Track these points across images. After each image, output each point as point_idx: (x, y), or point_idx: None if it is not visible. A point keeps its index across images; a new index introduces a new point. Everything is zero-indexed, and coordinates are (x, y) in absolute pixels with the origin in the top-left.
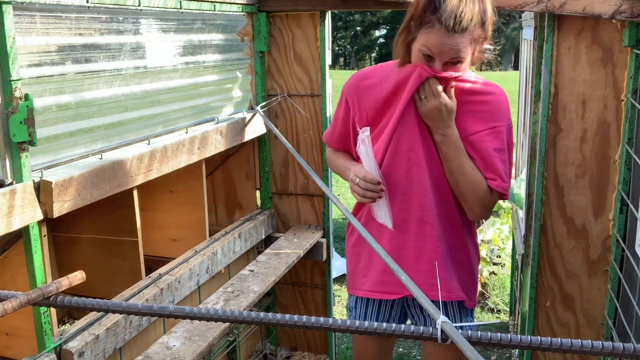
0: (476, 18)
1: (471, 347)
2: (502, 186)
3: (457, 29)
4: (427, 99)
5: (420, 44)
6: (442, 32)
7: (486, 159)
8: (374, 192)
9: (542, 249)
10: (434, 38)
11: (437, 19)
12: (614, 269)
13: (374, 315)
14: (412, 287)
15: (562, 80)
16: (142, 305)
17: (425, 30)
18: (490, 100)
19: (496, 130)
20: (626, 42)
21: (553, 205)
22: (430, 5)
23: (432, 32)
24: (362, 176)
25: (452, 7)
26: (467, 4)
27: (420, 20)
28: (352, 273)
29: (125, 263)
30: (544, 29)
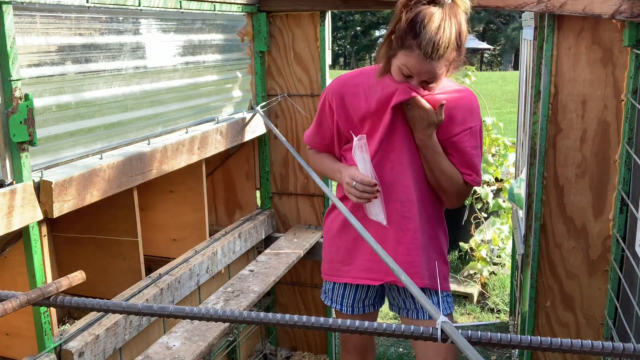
0: (452, 45)
1: (471, 347)
2: (476, 180)
3: (434, 57)
4: (411, 108)
5: (400, 63)
6: (421, 58)
7: (465, 157)
8: (370, 193)
9: (542, 249)
10: (413, 62)
11: (417, 45)
12: (614, 269)
13: (350, 296)
14: (412, 287)
15: (562, 80)
16: (142, 305)
17: (405, 53)
18: (463, 104)
19: (472, 130)
20: (626, 42)
21: (553, 205)
22: (411, 29)
23: (411, 56)
24: (360, 180)
25: (430, 35)
26: (445, 31)
27: (402, 41)
28: (331, 261)
29: (125, 263)
30: (544, 29)
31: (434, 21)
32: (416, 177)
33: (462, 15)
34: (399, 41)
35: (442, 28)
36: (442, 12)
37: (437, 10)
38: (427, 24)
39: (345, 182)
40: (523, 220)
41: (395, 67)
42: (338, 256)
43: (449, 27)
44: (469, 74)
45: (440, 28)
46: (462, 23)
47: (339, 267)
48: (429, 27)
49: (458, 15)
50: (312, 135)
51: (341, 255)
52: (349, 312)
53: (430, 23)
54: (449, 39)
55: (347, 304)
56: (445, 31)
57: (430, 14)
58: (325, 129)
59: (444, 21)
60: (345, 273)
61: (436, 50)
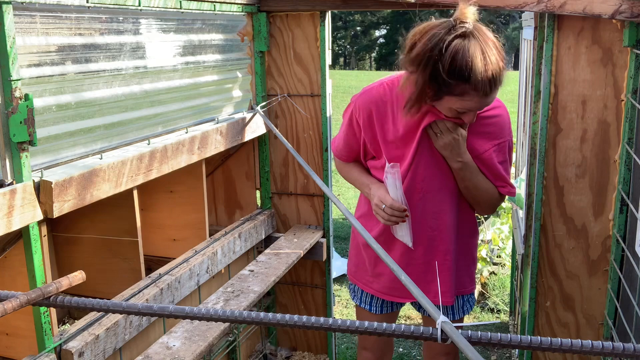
0: (502, 69)
1: (471, 347)
2: (510, 191)
3: (493, 91)
4: (443, 134)
5: (455, 107)
6: (479, 98)
7: (494, 171)
8: (399, 217)
9: (542, 249)
10: (471, 103)
11: (472, 88)
12: (614, 269)
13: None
14: (412, 287)
15: (562, 80)
16: (142, 305)
17: (460, 98)
18: (496, 122)
19: (501, 145)
20: (626, 42)
21: (553, 205)
22: (457, 76)
23: (468, 99)
24: (389, 204)
25: (482, 73)
26: (491, 62)
27: (449, 89)
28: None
29: (125, 263)
30: (544, 29)
31: (477, 57)
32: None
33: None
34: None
35: (488, 61)
36: (475, 43)
37: (471, 43)
38: (472, 64)
39: (374, 202)
40: (523, 220)
41: (446, 109)
42: (365, 264)
43: (492, 54)
44: None
45: (487, 62)
46: (494, 40)
47: (366, 276)
48: (475, 64)
49: (486, 36)
50: (339, 146)
51: (369, 265)
52: (378, 312)
53: (476, 61)
54: (498, 67)
55: (376, 304)
56: (491, 61)
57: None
58: (352, 142)
59: (484, 52)
60: (371, 284)
61: (493, 85)
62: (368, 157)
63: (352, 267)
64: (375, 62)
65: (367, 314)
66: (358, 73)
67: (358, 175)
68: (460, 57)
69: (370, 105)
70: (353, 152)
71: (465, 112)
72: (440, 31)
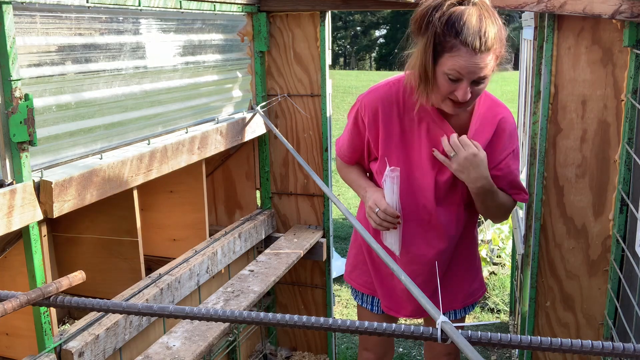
0: (497, 34)
1: (471, 347)
2: (525, 198)
3: (483, 49)
4: (457, 154)
5: (447, 68)
6: (469, 54)
7: (510, 179)
8: (390, 223)
9: (542, 249)
10: (461, 61)
11: (462, 42)
12: (614, 269)
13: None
14: (412, 287)
15: (562, 80)
16: (142, 305)
17: (450, 54)
18: (505, 128)
19: (514, 152)
20: (626, 42)
21: (553, 205)
22: (450, 30)
23: (458, 55)
24: (383, 208)
25: (474, 29)
26: (486, 22)
27: (442, 46)
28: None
29: (125, 263)
30: (544, 29)
31: (473, 15)
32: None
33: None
34: (438, 47)
35: (482, 20)
36: (476, 8)
37: (470, 7)
38: (466, 19)
39: (368, 205)
40: (523, 220)
41: (442, 76)
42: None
43: (489, 18)
44: None
45: (481, 20)
46: (497, 17)
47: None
48: (469, 21)
49: (491, 10)
50: (343, 146)
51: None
52: (380, 311)
53: (470, 17)
54: (493, 29)
55: (377, 304)
56: (486, 22)
57: (465, 10)
58: (356, 142)
59: (482, 15)
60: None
61: (484, 41)
62: (371, 158)
63: (352, 269)
64: (375, 62)
65: (369, 314)
66: (358, 73)
67: (356, 177)
68: (456, 15)
69: (376, 103)
70: (356, 153)
71: (458, 83)
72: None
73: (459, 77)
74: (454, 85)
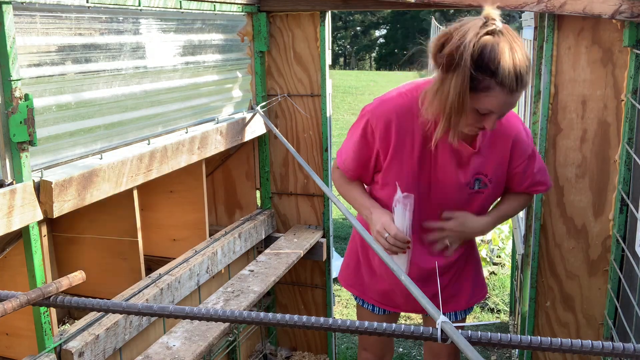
0: (529, 68)
1: (471, 347)
2: (550, 185)
3: (519, 89)
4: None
5: (480, 105)
6: (505, 95)
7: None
8: (400, 248)
9: (542, 249)
10: (495, 101)
11: (498, 83)
12: (614, 269)
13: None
14: (412, 287)
15: (562, 80)
16: (142, 305)
17: (486, 95)
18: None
19: (532, 154)
20: (626, 42)
21: (553, 205)
22: (485, 70)
23: (493, 96)
24: (393, 234)
25: (509, 68)
26: (518, 58)
27: (476, 85)
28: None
29: (125, 263)
30: (544, 29)
31: (505, 50)
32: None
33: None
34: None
35: (515, 55)
36: (504, 39)
37: (500, 39)
38: (500, 57)
39: (376, 229)
40: (523, 220)
41: (472, 111)
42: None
43: (520, 53)
44: None
45: (514, 56)
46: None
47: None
48: (503, 59)
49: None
50: (347, 160)
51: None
52: (381, 313)
53: (503, 54)
54: (526, 65)
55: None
56: (518, 56)
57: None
58: (364, 157)
59: (513, 49)
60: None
61: (520, 81)
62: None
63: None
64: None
65: (369, 314)
66: (358, 73)
67: (358, 195)
68: (489, 51)
69: (390, 115)
70: (362, 168)
71: (487, 115)
72: (471, 28)
73: (491, 112)
74: (483, 117)
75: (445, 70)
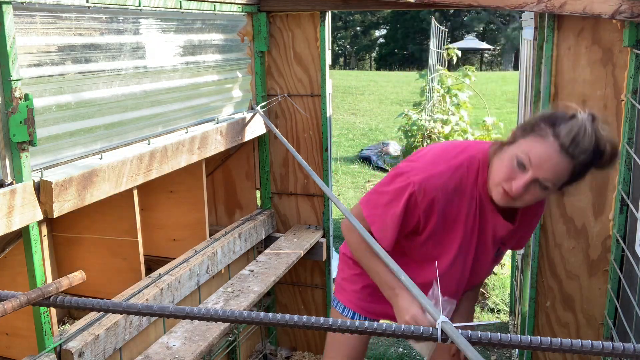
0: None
1: (471, 347)
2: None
3: (569, 151)
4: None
5: (522, 149)
6: (553, 148)
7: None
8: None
9: (542, 249)
10: (541, 150)
11: (554, 134)
12: (614, 269)
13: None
14: (412, 288)
15: (562, 80)
16: (142, 305)
17: (535, 138)
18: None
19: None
20: (626, 42)
21: (553, 205)
22: (548, 119)
23: (542, 143)
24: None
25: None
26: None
27: (532, 127)
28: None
29: (125, 263)
30: (544, 29)
31: (578, 119)
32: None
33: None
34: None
35: (586, 127)
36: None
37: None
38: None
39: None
40: None
41: (511, 156)
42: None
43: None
44: (469, 74)
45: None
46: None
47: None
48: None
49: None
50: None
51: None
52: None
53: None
54: (591, 141)
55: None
56: (588, 131)
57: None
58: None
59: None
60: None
61: (576, 145)
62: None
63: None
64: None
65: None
66: (358, 73)
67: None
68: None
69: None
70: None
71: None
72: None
73: (527, 165)
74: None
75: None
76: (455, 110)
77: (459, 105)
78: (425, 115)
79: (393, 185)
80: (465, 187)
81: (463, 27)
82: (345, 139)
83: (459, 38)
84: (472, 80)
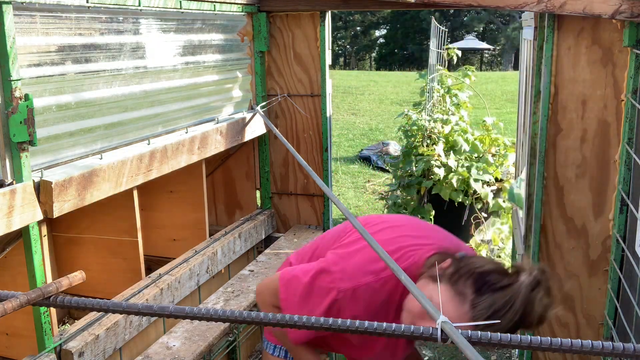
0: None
1: (471, 347)
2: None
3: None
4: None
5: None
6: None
7: None
8: None
9: (542, 249)
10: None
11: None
12: (614, 269)
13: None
14: (411, 287)
15: (562, 80)
16: (142, 305)
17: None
18: None
19: None
20: (626, 42)
21: (553, 205)
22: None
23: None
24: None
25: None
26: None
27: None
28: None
29: (125, 263)
30: (544, 29)
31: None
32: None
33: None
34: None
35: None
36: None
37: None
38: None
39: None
40: (523, 220)
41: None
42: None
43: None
44: (469, 74)
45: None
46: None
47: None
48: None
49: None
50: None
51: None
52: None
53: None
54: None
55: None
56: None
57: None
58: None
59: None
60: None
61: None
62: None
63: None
64: (375, 62)
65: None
66: (358, 73)
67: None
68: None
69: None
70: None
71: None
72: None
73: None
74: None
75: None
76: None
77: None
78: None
79: (317, 281)
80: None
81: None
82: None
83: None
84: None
